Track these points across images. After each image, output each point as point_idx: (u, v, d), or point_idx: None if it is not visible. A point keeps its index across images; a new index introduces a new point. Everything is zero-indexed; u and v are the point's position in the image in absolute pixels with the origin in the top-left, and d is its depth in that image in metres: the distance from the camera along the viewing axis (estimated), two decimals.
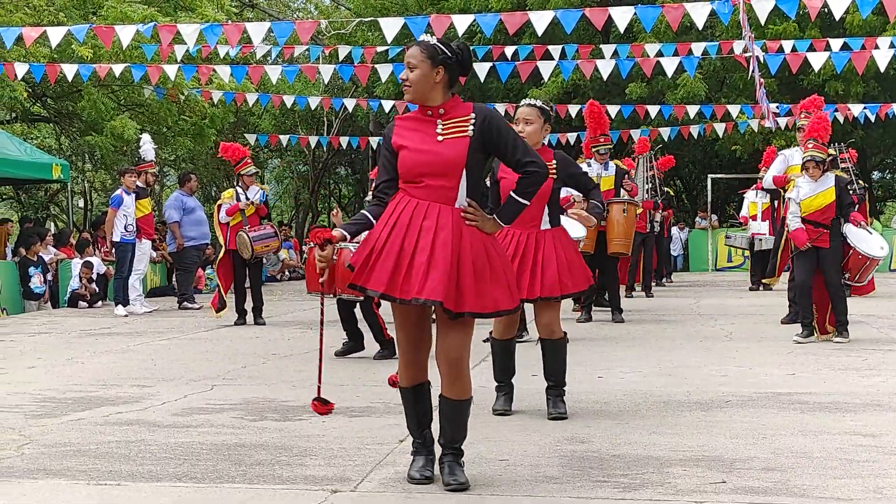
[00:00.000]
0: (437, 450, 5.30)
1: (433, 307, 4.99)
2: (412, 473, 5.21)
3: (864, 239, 11.12)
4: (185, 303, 17.15)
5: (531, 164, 5.15)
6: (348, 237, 5.21)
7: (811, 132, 10.93)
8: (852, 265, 11.01)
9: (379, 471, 5.46)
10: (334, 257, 5.35)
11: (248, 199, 14.10)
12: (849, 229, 11.01)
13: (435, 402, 5.27)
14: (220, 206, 14.27)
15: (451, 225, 5.00)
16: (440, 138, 5.06)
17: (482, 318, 5.12)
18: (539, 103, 7.04)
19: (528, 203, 5.27)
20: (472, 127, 5.07)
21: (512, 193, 5.25)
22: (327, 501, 4.93)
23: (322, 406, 5.51)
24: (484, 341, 8.53)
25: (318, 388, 5.56)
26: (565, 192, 8.82)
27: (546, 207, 7.03)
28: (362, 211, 5.24)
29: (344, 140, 27.70)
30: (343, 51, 20.86)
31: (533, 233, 6.99)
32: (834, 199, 10.74)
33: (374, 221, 5.13)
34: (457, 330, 5.09)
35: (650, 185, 18.26)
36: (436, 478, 5.20)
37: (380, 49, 20.92)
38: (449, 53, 5.12)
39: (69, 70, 19.04)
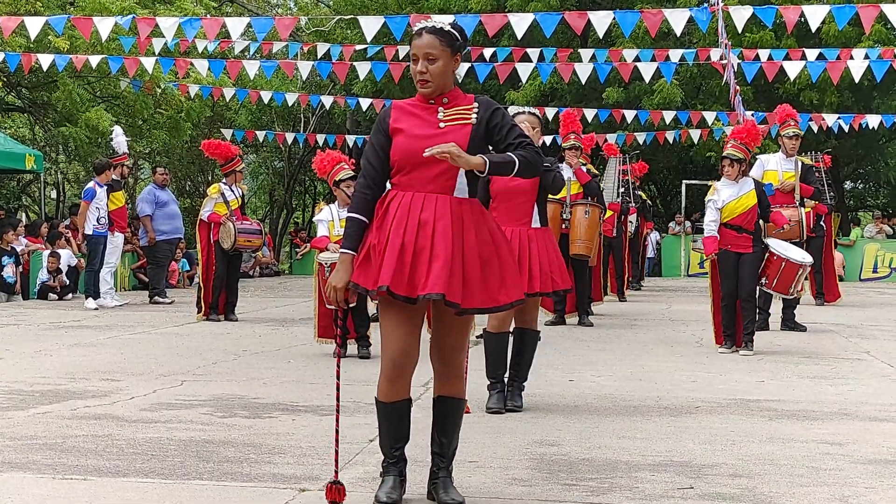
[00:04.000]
0: (410, 468, 4.97)
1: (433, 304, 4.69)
2: (379, 495, 4.78)
3: (788, 249, 10.83)
4: (157, 297, 17.03)
5: (532, 145, 4.79)
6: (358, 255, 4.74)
7: (736, 133, 10.82)
8: (770, 271, 10.71)
9: (348, 470, 5.43)
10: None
11: (234, 195, 14.15)
12: (770, 241, 10.84)
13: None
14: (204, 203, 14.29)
15: (449, 214, 4.67)
16: (442, 125, 4.74)
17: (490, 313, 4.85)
18: (536, 112, 7.44)
19: (517, 164, 4.68)
20: (475, 115, 4.77)
21: (508, 152, 4.74)
22: (295, 500, 4.92)
23: (337, 494, 4.78)
24: (477, 337, 8.60)
25: (336, 471, 4.89)
26: None
27: (535, 206, 7.34)
28: (350, 215, 4.79)
29: (321, 137, 27.65)
30: (322, 48, 20.84)
31: (525, 230, 7.26)
32: (756, 203, 10.58)
33: (366, 221, 4.75)
34: (459, 326, 4.84)
35: (623, 188, 18.21)
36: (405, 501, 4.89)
37: (359, 47, 20.91)
38: (463, 39, 4.81)
39: (45, 60, 18.95)
